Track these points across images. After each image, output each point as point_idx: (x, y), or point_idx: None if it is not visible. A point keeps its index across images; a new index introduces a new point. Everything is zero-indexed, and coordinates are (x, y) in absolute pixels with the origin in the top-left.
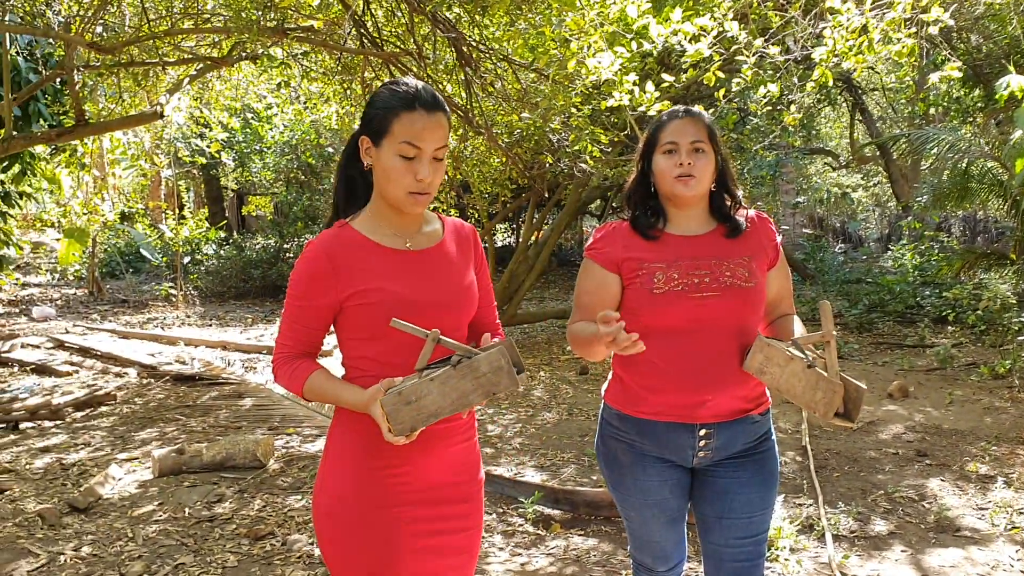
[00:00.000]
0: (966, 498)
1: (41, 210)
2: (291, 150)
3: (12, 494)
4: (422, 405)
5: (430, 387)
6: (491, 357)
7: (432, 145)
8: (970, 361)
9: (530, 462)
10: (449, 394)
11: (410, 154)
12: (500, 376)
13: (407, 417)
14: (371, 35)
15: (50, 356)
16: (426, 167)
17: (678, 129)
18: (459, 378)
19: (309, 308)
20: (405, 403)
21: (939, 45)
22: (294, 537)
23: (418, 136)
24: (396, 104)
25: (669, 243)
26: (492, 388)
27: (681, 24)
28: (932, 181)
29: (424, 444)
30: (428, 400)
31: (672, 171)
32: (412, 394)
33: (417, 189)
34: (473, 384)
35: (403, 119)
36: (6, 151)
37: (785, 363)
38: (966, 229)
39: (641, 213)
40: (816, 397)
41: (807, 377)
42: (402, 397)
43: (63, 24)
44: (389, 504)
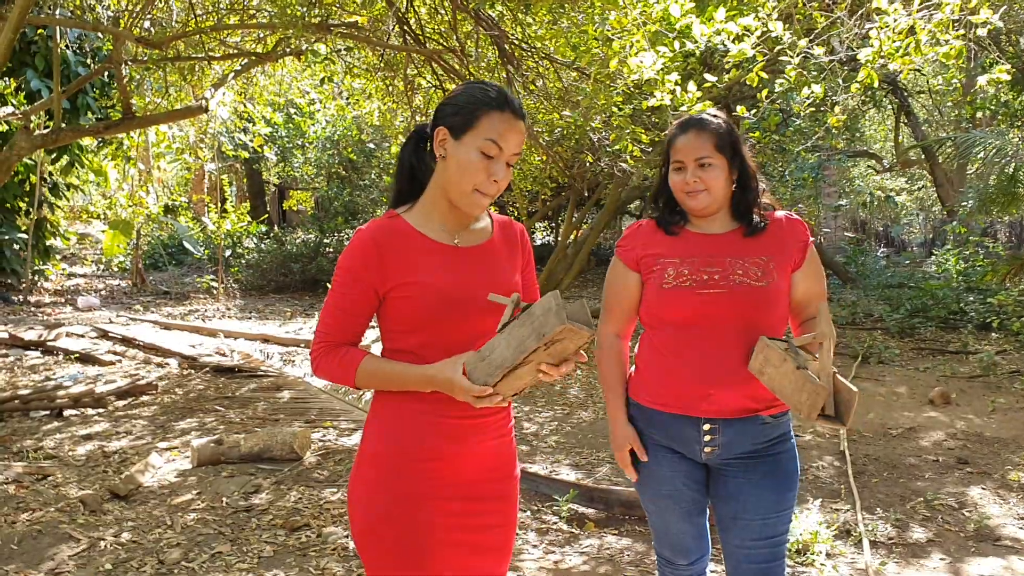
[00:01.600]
0: (1007, 507)
1: (87, 202)
2: (333, 145)
3: (55, 480)
4: (492, 359)
5: (499, 340)
6: (544, 300)
7: (512, 149)
8: (1014, 369)
9: (565, 460)
10: (512, 343)
11: (491, 152)
12: (549, 316)
13: (481, 372)
14: (414, 32)
15: (94, 345)
16: (501, 168)
17: (684, 146)
18: (519, 326)
19: (355, 294)
20: (480, 360)
21: (987, 47)
22: (329, 529)
23: (503, 136)
24: (489, 102)
25: (688, 240)
26: (542, 329)
27: (725, 24)
28: (978, 186)
29: (458, 438)
30: (497, 353)
31: (680, 187)
32: (487, 350)
33: (487, 189)
34: (529, 329)
35: (492, 117)
36: (55, 143)
37: (779, 363)
38: (1012, 235)
39: (667, 213)
40: (801, 398)
41: (795, 378)
42: (479, 355)
43: (112, 19)
44: (422, 497)
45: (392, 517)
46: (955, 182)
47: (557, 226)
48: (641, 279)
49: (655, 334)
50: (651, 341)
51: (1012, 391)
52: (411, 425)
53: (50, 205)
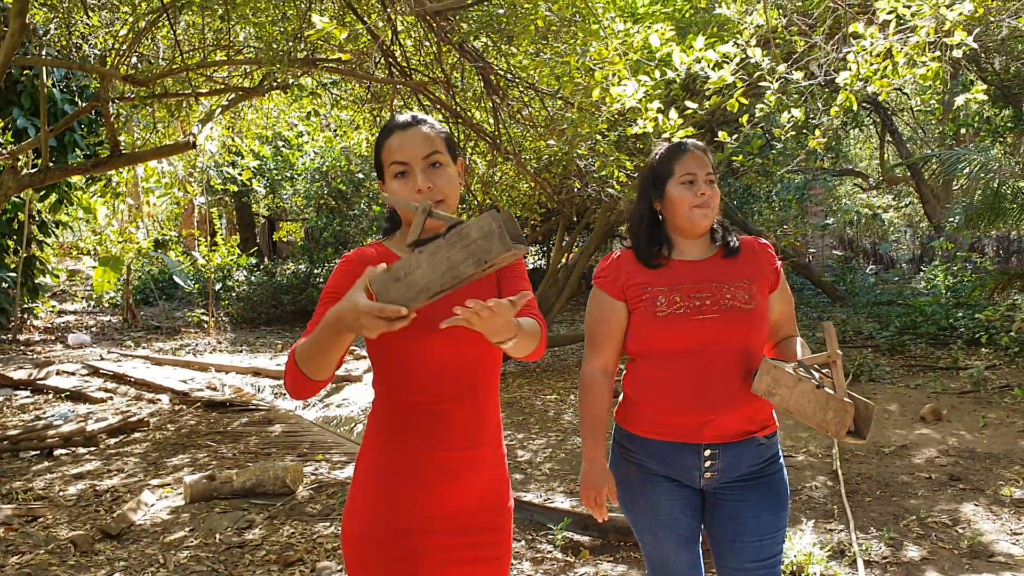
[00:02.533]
0: (1000, 523)
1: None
2: (321, 177)
3: (45, 521)
4: (412, 280)
5: (419, 259)
6: (480, 222)
7: (418, 154)
8: (1004, 384)
9: (559, 487)
10: (439, 266)
11: (400, 170)
12: (491, 241)
13: (397, 295)
14: (400, 65)
15: (85, 383)
16: (420, 177)
17: (695, 162)
18: (448, 247)
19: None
20: (394, 280)
21: (965, 67)
22: (323, 564)
23: (398, 153)
24: (382, 139)
25: (672, 268)
26: (483, 255)
27: (704, 51)
28: (964, 201)
29: (450, 472)
30: (418, 274)
31: (692, 200)
32: (401, 269)
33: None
34: (463, 253)
35: (386, 147)
36: (43, 181)
37: (794, 384)
38: (999, 249)
39: (645, 243)
40: (828, 417)
41: (817, 397)
42: (391, 273)
43: (98, 57)
44: (413, 532)
45: (382, 553)
46: (941, 198)
47: (548, 250)
48: (628, 308)
49: (647, 363)
50: (642, 370)
51: (1003, 406)
52: (403, 459)
53: (39, 243)
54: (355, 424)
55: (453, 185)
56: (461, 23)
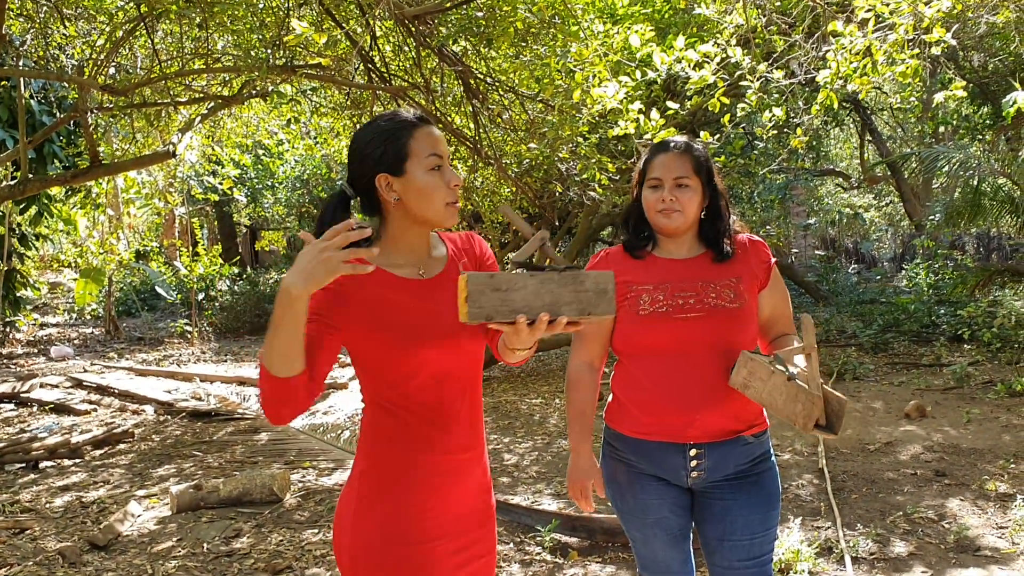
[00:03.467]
0: (986, 517)
1: (58, 251)
2: (303, 185)
3: (33, 533)
4: (510, 298)
5: (526, 281)
6: (599, 277)
7: (447, 152)
8: (986, 379)
9: (547, 490)
10: (543, 296)
11: (437, 164)
12: (601, 300)
13: (489, 304)
14: (379, 70)
15: (68, 395)
16: (451, 171)
17: (663, 165)
18: (559, 284)
19: (315, 325)
20: (492, 289)
21: (944, 64)
22: (312, 571)
23: (436, 146)
24: (407, 127)
25: (657, 266)
26: (589, 308)
27: (684, 52)
28: (944, 199)
29: (454, 475)
30: (519, 295)
31: (655, 204)
32: (505, 282)
33: (452, 198)
34: (571, 296)
35: (418, 137)
36: (23, 193)
37: (767, 377)
38: (980, 246)
39: (633, 236)
40: (796, 409)
41: (787, 390)
42: (493, 281)
43: (76, 68)
44: (428, 539)
45: (399, 560)
46: (921, 196)
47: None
48: None
49: (632, 363)
50: (628, 370)
51: (986, 401)
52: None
53: (20, 256)
54: (342, 431)
55: None
56: (440, 27)
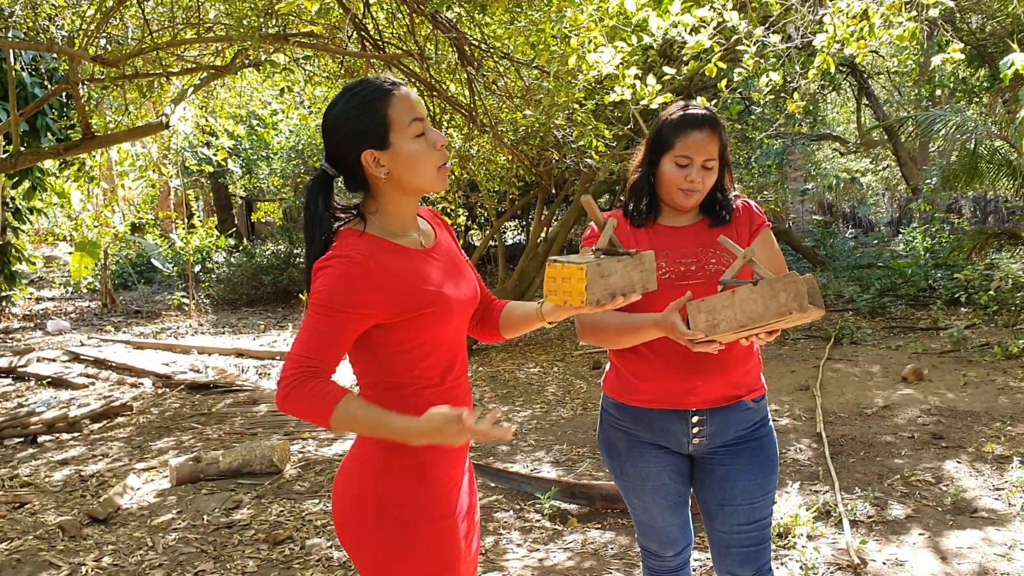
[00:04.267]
0: (982, 479)
1: (52, 224)
2: (298, 155)
3: (32, 507)
4: (610, 282)
5: (616, 267)
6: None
7: (424, 113)
8: (983, 342)
9: (546, 458)
10: (626, 278)
11: (421, 130)
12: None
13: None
14: (372, 38)
15: (66, 369)
16: (436, 132)
17: (695, 145)
18: (632, 267)
19: (345, 318)
20: (601, 275)
21: (941, 27)
22: (313, 541)
23: (415, 110)
24: (381, 96)
25: (659, 232)
26: (647, 284)
27: (680, 16)
28: (941, 163)
29: (459, 452)
30: (615, 279)
31: (680, 183)
32: (607, 269)
33: (442, 160)
34: (639, 275)
35: (395, 106)
36: (15, 167)
37: (730, 300)
38: (976, 210)
39: (641, 209)
40: (782, 300)
41: (760, 292)
42: (600, 269)
43: (66, 38)
44: (452, 513)
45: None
46: (918, 160)
47: (527, 224)
48: None
49: None
50: None
51: (983, 364)
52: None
53: (14, 230)
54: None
55: None
56: None
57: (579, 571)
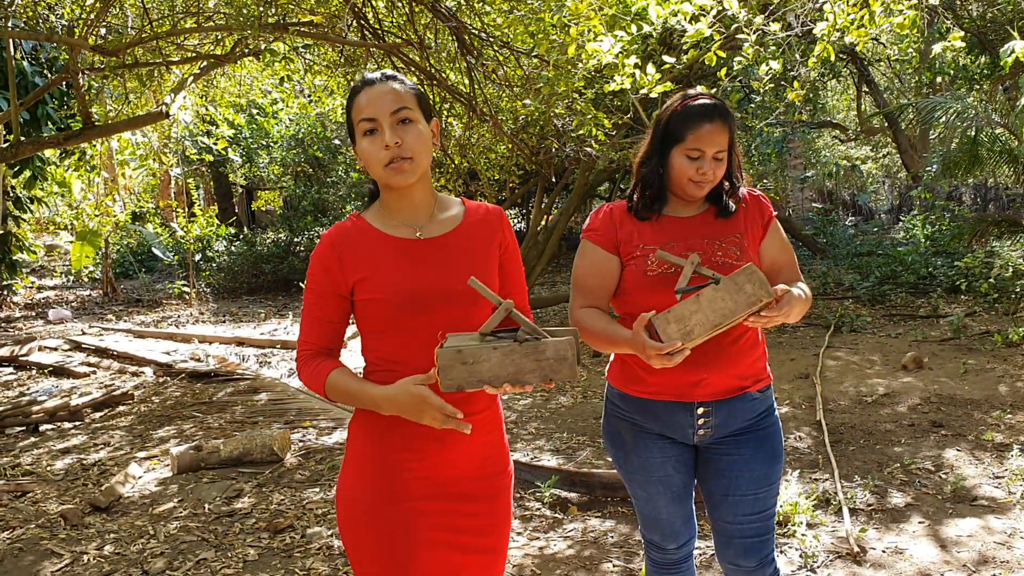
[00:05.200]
0: (982, 467)
1: (53, 214)
2: (298, 144)
3: (34, 496)
4: (477, 369)
5: (491, 354)
6: (560, 345)
7: (387, 110)
8: (983, 330)
9: (546, 446)
10: (507, 367)
11: (369, 128)
12: (562, 366)
13: (459, 376)
14: (372, 27)
15: (67, 358)
16: (389, 133)
17: (707, 137)
18: (521, 355)
19: (322, 299)
20: (461, 362)
21: (942, 14)
22: (314, 530)
23: (367, 109)
24: (351, 97)
25: (664, 224)
26: (551, 375)
27: (680, 4)
28: (941, 150)
29: (443, 439)
30: (485, 366)
31: (692, 176)
32: (471, 356)
33: (389, 157)
34: (534, 365)
35: (356, 105)
36: (16, 156)
37: (696, 306)
38: (977, 197)
39: (643, 196)
40: (749, 291)
41: (725, 288)
42: (461, 355)
43: (66, 28)
44: (405, 498)
45: (373, 518)
46: (919, 148)
47: (527, 213)
48: (621, 263)
49: None
50: None
51: (983, 352)
52: (395, 426)
53: (15, 219)
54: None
55: (424, 143)
56: None
57: (579, 559)
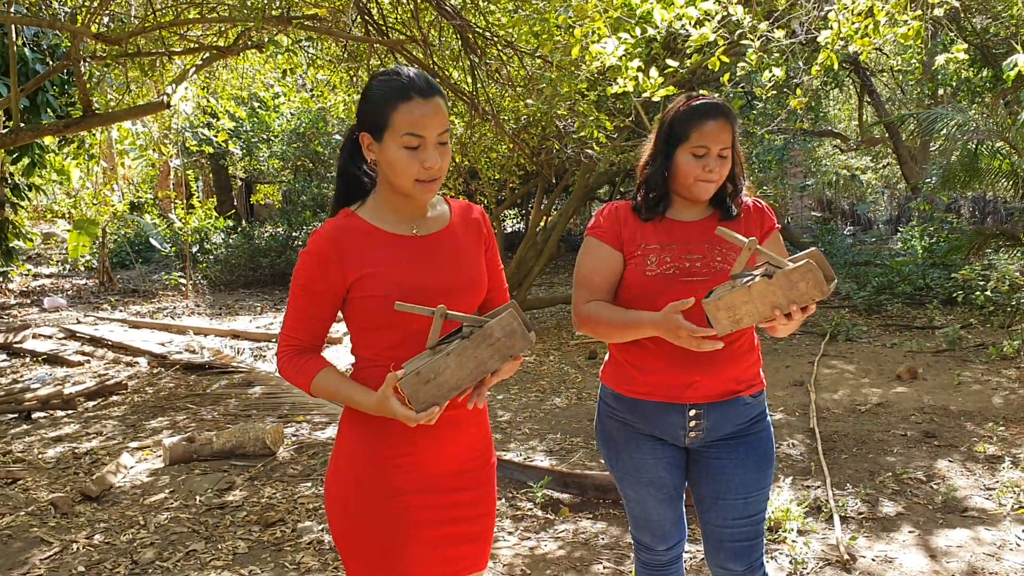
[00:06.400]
0: (974, 479)
1: (51, 202)
2: (298, 138)
3: (25, 483)
4: (441, 381)
5: (447, 361)
6: (503, 321)
7: (434, 131)
8: (979, 342)
9: (539, 446)
10: (466, 364)
11: (414, 144)
12: (514, 339)
13: (428, 395)
14: (376, 22)
15: (61, 346)
16: (432, 154)
17: (711, 135)
18: (474, 348)
19: (315, 296)
20: (424, 382)
21: (946, 26)
22: (304, 524)
23: (419, 125)
24: (392, 96)
25: (667, 226)
26: (508, 351)
27: (685, 8)
28: (941, 162)
29: (434, 432)
30: (447, 375)
31: (698, 174)
32: (430, 372)
33: (426, 177)
34: (489, 351)
35: (402, 111)
36: (15, 143)
37: (748, 296)
38: (975, 210)
39: (647, 198)
40: (802, 289)
41: (778, 283)
42: (420, 377)
43: (69, 15)
44: (396, 493)
45: (368, 514)
46: (919, 159)
47: (527, 213)
48: (624, 261)
49: None
50: None
51: (977, 364)
52: (386, 421)
53: (12, 206)
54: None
55: (448, 163)
56: None
57: (570, 560)
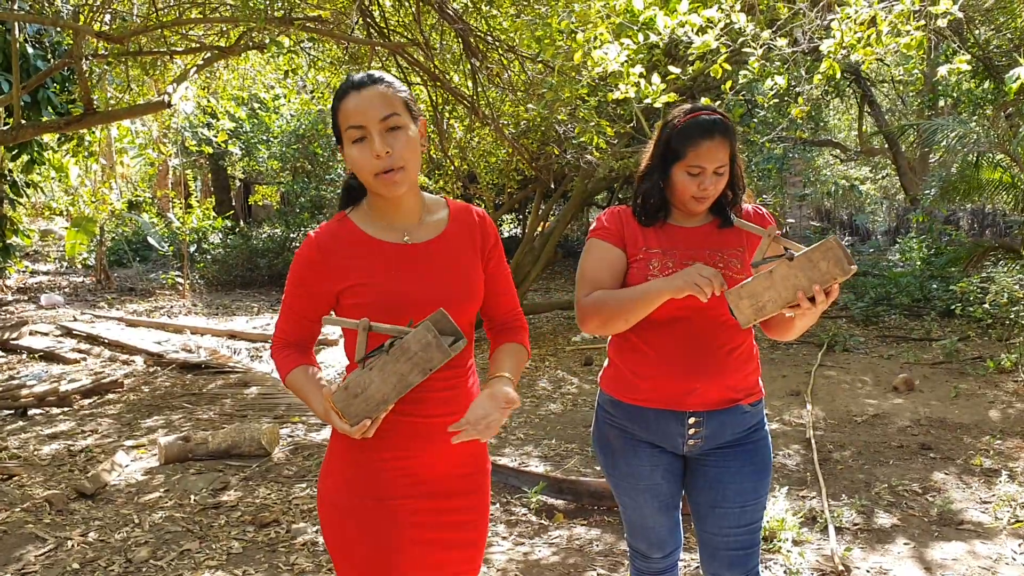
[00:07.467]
0: (969, 492)
1: (50, 199)
2: (298, 140)
3: (20, 480)
4: (369, 395)
5: (371, 376)
6: (418, 335)
7: (375, 117)
8: (976, 355)
9: (534, 452)
10: (389, 379)
11: (358, 136)
12: (430, 352)
13: (359, 409)
14: (378, 25)
15: (58, 343)
16: (378, 141)
17: (707, 154)
18: (394, 362)
19: (302, 297)
20: (353, 396)
21: (948, 37)
22: (299, 525)
23: (355, 115)
24: (337, 100)
25: (669, 231)
26: (426, 365)
27: (688, 16)
28: (941, 173)
29: (426, 436)
30: (372, 388)
31: (693, 191)
32: (357, 386)
33: (380, 167)
34: (408, 365)
35: (342, 109)
36: (15, 139)
37: (770, 281)
38: (974, 222)
39: (646, 205)
40: (823, 269)
41: (799, 265)
42: (349, 391)
43: (72, 13)
44: (389, 496)
45: (357, 516)
46: (918, 170)
47: (524, 218)
48: (627, 260)
49: (633, 329)
50: (628, 336)
51: (974, 377)
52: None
53: (11, 202)
54: (332, 387)
55: (413, 149)
56: None
57: (563, 567)
